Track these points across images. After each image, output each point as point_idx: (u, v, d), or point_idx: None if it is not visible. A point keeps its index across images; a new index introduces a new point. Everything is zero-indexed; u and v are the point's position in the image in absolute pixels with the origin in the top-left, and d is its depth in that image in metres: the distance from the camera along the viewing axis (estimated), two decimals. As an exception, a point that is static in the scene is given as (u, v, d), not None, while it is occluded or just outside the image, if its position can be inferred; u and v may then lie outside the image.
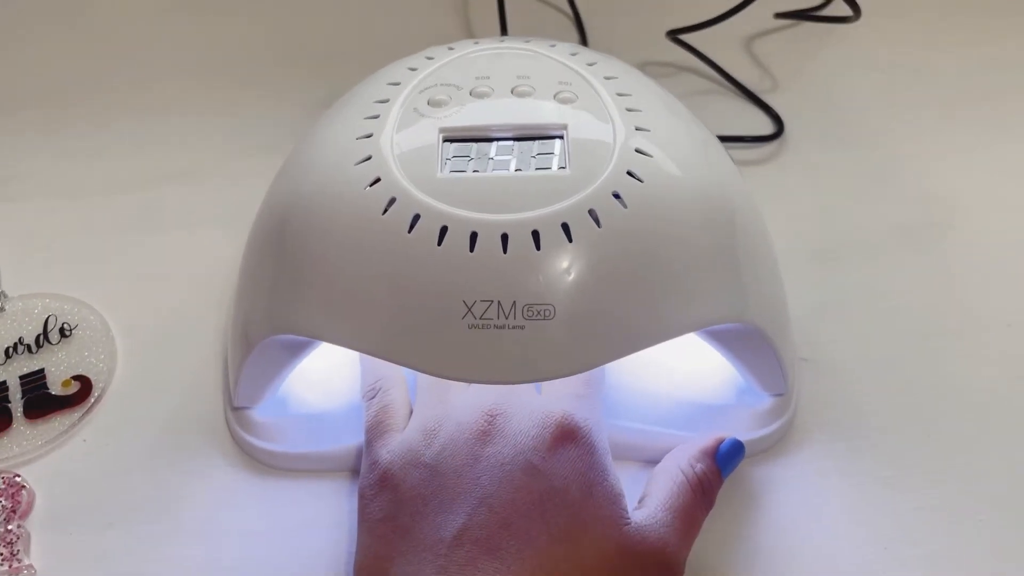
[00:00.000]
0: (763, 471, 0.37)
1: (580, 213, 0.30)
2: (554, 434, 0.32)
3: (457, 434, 0.32)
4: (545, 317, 0.29)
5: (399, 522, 0.31)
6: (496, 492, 0.30)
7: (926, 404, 0.39)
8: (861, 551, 0.34)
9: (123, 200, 0.48)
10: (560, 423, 0.32)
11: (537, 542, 0.29)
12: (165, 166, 0.49)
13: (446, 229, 0.30)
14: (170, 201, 0.48)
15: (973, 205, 0.47)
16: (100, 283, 0.44)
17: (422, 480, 0.31)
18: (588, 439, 0.32)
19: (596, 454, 0.32)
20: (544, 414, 0.32)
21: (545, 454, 0.31)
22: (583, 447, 0.32)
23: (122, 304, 0.43)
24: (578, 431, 0.32)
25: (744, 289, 0.33)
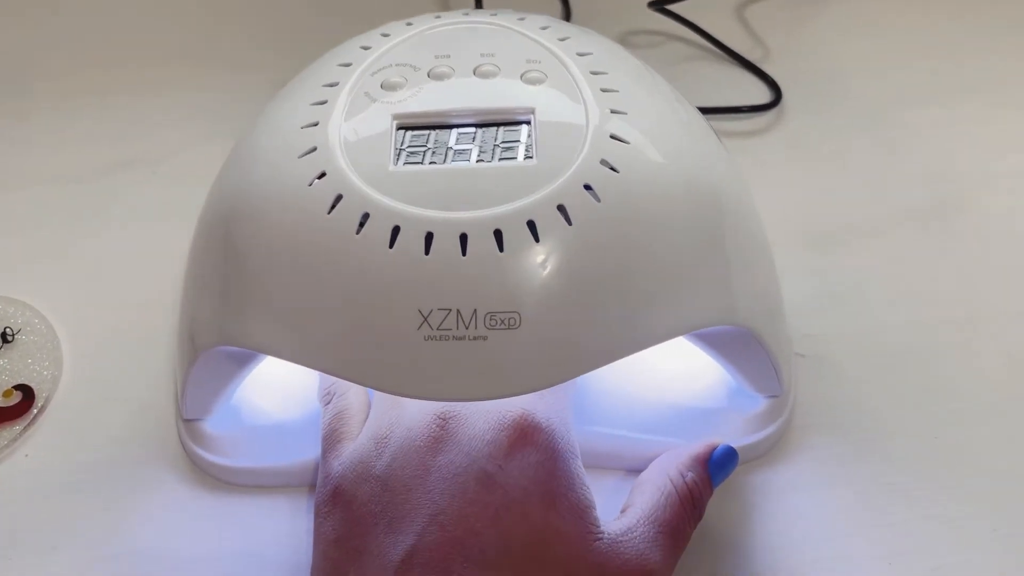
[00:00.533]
0: (758, 478, 0.34)
1: (548, 209, 0.27)
2: (510, 437, 0.29)
3: (408, 442, 0.29)
4: (510, 326, 0.26)
5: (351, 544, 0.28)
6: (447, 507, 0.27)
7: (934, 403, 0.36)
8: (863, 565, 0.32)
9: (70, 191, 0.45)
10: (517, 424, 0.29)
11: (494, 563, 0.26)
12: (116, 154, 0.46)
13: (398, 229, 0.27)
14: (122, 192, 0.45)
15: (985, 184, 0.44)
16: (45, 283, 0.41)
17: (372, 495, 0.28)
18: (550, 441, 0.29)
19: (559, 459, 0.29)
20: (500, 415, 0.29)
21: (501, 461, 0.28)
22: (544, 451, 0.29)
23: (69, 306, 0.40)
24: (538, 432, 0.29)
25: (733, 287, 0.30)
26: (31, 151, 0.47)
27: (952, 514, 0.33)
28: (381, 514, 0.28)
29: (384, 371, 0.27)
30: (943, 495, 0.33)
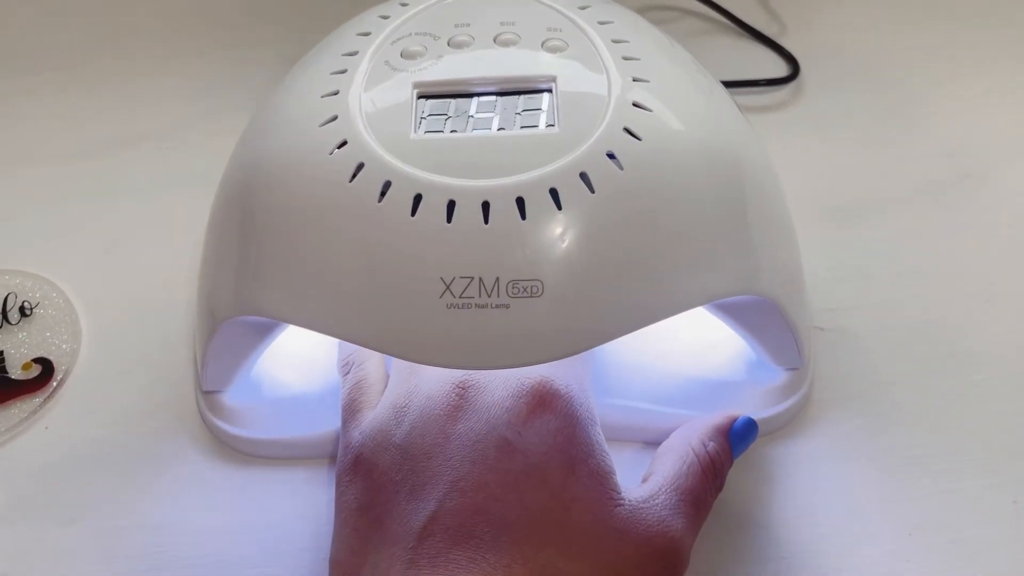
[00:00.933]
0: (777, 451, 0.34)
1: (571, 177, 0.27)
2: (529, 404, 0.28)
3: (427, 410, 0.29)
4: (532, 294, 0.26)
5: (373, 512, 0.28)
6: (468, 474, 0.27)
7: (954, 376, 0.36)
8: (883, 538, 0.32)
9: (86, 167, 0.45)
10: (535, 390, 0.29)
11: (514, 528, 0.26)
12: (130, 130, 0.46)
13: (420, 197, 0.27)
14: (133, 168, 0.45)
15: (1007, 155, 0.43)
16: (63, 258, 0.41)
17: (393, 463, 0.28)
18: (569, 408, 0.29)
19: (579, 425, 0.29)
20: (519, 382, 0.29)
21: (520, 428, 0.28)
22: (563, 417, 0.28)
23: (87, 280, 0.40)
24: (557, 398, 0.29)
25: (755, 257, 0.30)
26: (44, 130, 0.47)
27: (971, 487, 0.33)
28: (402, 482, 0.28)
29: (406, 339, 0.27)
30: (963, 468, 0.33)
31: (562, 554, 0.26)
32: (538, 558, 0.26)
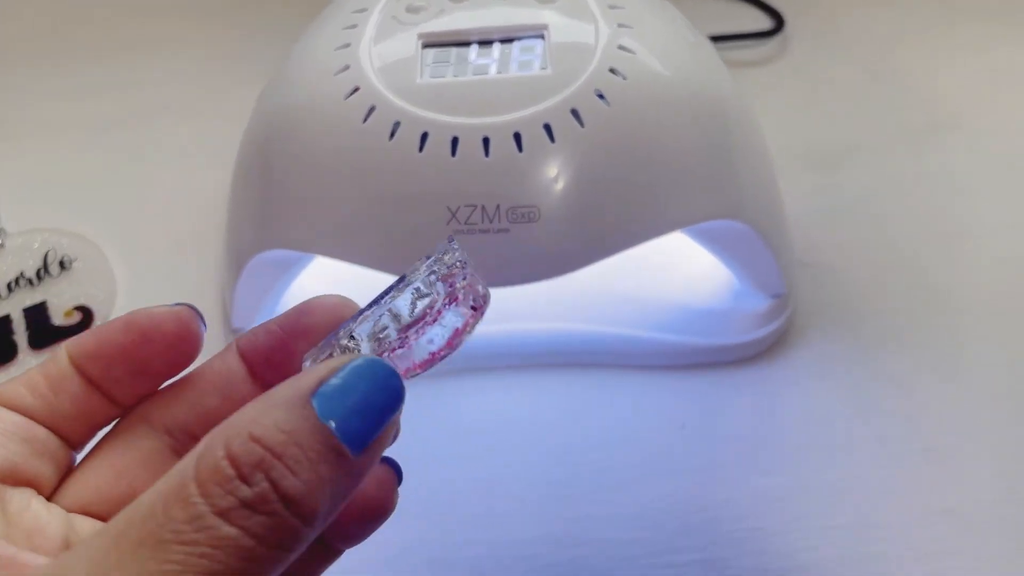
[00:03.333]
0: (761, 372, 0.37)
1: (562, 113, 0.30)
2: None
3: None
4: (530, 219, 0.29)
5: None
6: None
7: (928, 305, 0.38)
8: (858, 447, 0.34)
9: (115, 135, 0.48)
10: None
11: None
12: (156, 100, 0.49)
13: (427, 135, 0.29)
14: (160, 133, 0.48)
15: (977, 107, 0.46)
16: (97, 216, 0.44)
17: None
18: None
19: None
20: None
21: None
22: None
23: (119, 236, 0.43)
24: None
25: (736, 186, 0.33)
26: (75, 99, 0.50)
27: (943, 400, 0.35)
28: None
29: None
30: (935, 384, 0.36)
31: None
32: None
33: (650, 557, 0.32)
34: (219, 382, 0.19)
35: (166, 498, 0.13)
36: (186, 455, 0.14)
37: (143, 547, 0.13)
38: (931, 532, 0.32)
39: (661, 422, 0.35)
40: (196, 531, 0.13)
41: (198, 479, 0.13)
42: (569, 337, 0.36)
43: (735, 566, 0.31)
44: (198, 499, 0.13)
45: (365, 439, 0.15)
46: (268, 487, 0.13)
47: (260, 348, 0.19)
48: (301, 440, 0.14)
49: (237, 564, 0.13)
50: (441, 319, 0.18)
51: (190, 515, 0.13)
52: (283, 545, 0.14)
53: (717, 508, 0.33)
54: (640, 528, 0.32)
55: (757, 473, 0.34)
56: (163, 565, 0.13)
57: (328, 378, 0.15)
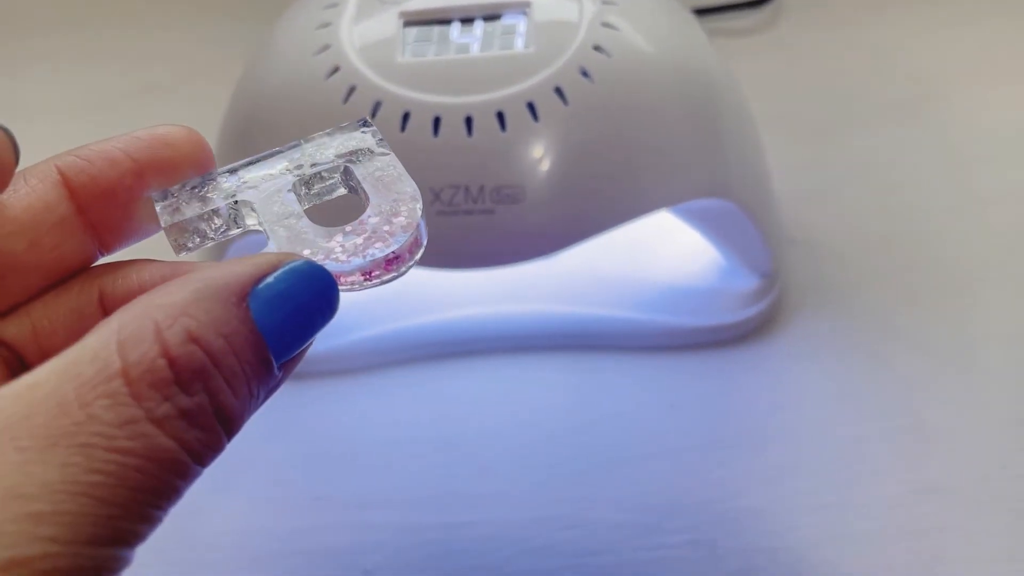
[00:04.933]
0: (752, 351, 0.36)
1: (546, 91, 0.29)
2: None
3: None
4: (514, 200, 0.29)
5: None
6: None
7: (918, 281, 0.38)
8: (848, 424, 0.34)
9: (99, 116, 0.47)
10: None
11: None
12: (138, 81, 0.49)
13: (408, 115, 0.29)
14: (146, 114, 0.47)
15: (969, 78, 0.46)
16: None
17: None
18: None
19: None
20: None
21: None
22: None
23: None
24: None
25: (723, 164, 0.32)
26: (57, 81, 0.49)
27: (931, 375, 0.35)
28: None
29: (401, 245, 0.29)
30: (923, 360, 0.36)
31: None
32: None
33: (638, 539, 0.32)
34: (28, 218, 0.15)
35: (82, 391, 0.11)
36: (93, 332, 0.12)
37: (57, 447, 0.10)
38: (919, 510, 0.32)
39: (649, 403, 0.35)
40: (129, 438, 0.11)
41: (127, 374, 0.11)
42: (555, 319, 0.36)
43: (723, 546, 0.31)
44: (129, 400, 0.11)
45: (291, 353, 0.13)
46: (206, 399, 0.12)
47: (99, 180, 0.16)
48: (238, 348, 0.12)
49: (167, 479, 0.11)
50: (378, 237, 0.15)
51: (121, 418, 0.11)
52: (205, 462, 0.12)
53: (705, 489, 0.33)
54: (628, 509, 0.32)
55: (745, 453, 0.34)
56: (88, 474, 0.10)
57: (265, 276, 0.13)
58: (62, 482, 0.10)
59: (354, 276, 0.15)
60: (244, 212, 0.16)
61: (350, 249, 0.15)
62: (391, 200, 0.16)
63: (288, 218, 0.15)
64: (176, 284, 0.13)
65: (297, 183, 0.16)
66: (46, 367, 0.11)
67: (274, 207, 0.15)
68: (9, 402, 0.11)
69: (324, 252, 0.15)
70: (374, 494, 0.33)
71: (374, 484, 0.34)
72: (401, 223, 0.16)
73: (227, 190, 0.16)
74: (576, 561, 0.31)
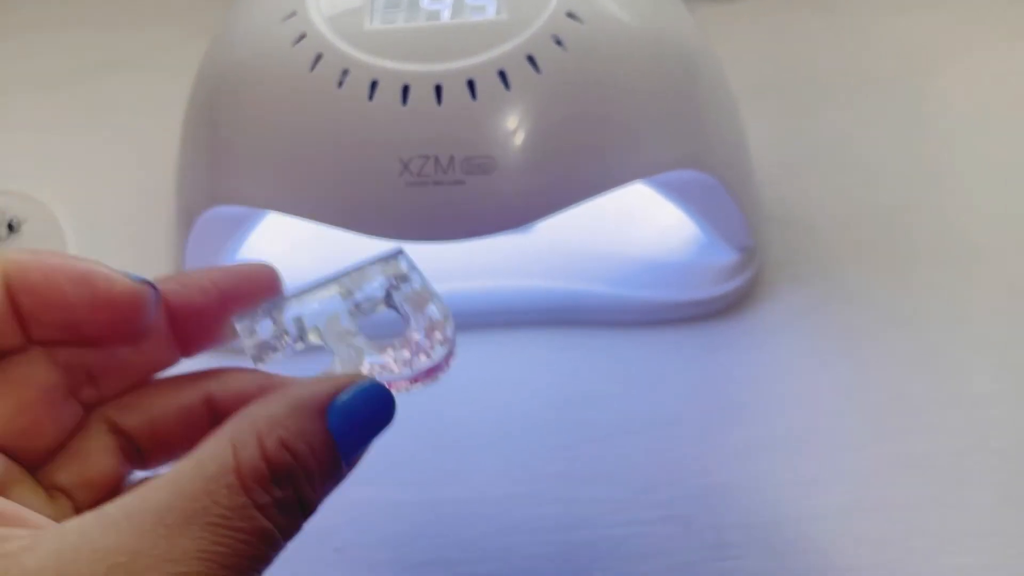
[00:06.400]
0: (730, 326, 0.36)
1: (518, 59, 0.28)
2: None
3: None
4: (485, 170, 0.28)
5: None
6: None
7: (897, 255, 0.38)
8: (826, 398, 0.34)
9: (63, 92, 0.46)
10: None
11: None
12: (103, 55, 0.47)
13: (376, 83, 0.28)
14: (111, 90, 0.46)
15: (952, 51, 0.45)
16: (47, 177, 0.43)
17: None
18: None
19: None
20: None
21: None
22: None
23: (70, 197, 0.42)
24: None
25: (700, 134, 0.32)
26: (21, 56, 0.48)
27: (910, 349, 0.35)
28: None
29: (368, 216, 0.28)
30: (900, 335, 0.35)
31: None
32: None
33: (613, 515, 0.31)
34: (177, 426, 0.20)
35: (208, 483, 0.15)
36: (214, 437, 0.16)
37: (192, 525, 0.15)
38: (900, 484, 0.31)
39: (626, 379, 0.35)
40: (240, 520, 0.15)
41: (238, 473, 0.16)
42: (532, 295, 0.36)
43: (700, 522, 0.31)
44: (240, 491, 0.16)
45: (357, 454, 0.17)
46: (293, 493, 0.16)
47: (193, 305, 0.20)
48: (317, 453, 0.16)
49: (264, 549, 0.16)
50: (422, 351, 0.19)
51: (235, 504, 0.15)
52: (290, 536, 0.17)
53: (682, 464, 0.32)
54: (604, 485, 0.32)
55: (723, 428, 0.33)
56: (213, 545, 0.15)
57: (339, 393, 0.17)
58: (195, 551, 0.15)
59: (403, 383, 0.19)
60: (308, 330, 0.19)
61: (400, 362, 0.19)
62: (428, 317, 0.20)
63: (347, 336, 0.19)
64: (274, 399, 0.17)
65: (351, 307, 0.20)
66: (183, 464, 0.16)
67: (333, 327, 0.19)
68: (156, 492, 0.15)
69: (381, 365, 0.19)
70: (346, 471, 0.33)
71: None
72: (439, 338, 0.20)
73: (293, 313, 0.19)
74: (552, 537, 0.31)
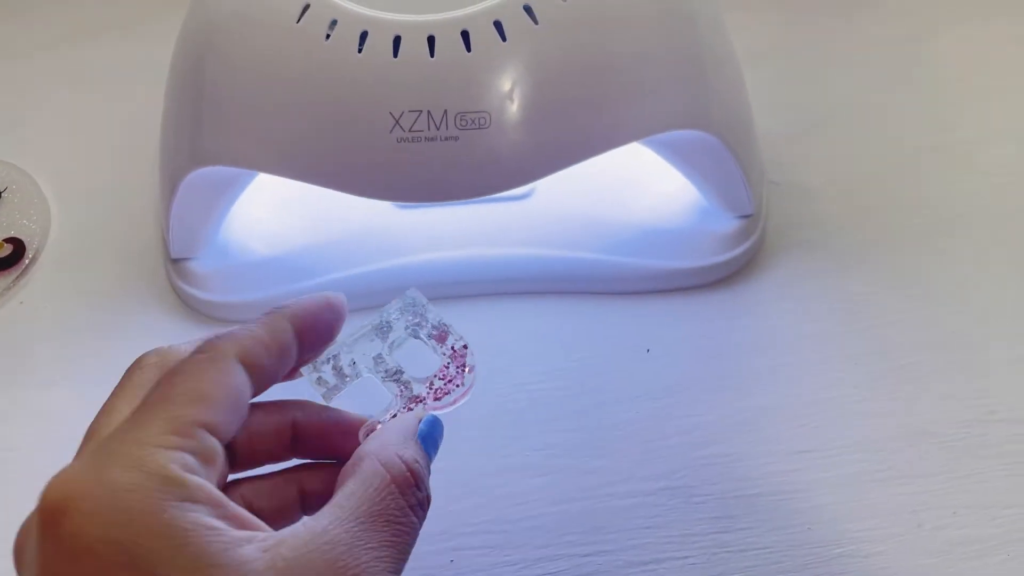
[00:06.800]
0: (732, 294, 0.35)
1: (514, 9, 0.27)
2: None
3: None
4: (480, 126, 0.27)
5: None
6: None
7: (901, 220, 0.37)
8: (830, 366, 0.33)
9: (50, 58, 0.45)
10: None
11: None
12: (91, 21, 0.46)
13: (366, 34, 0.27)
14: (96, 55, 0.45)
15: (955, 16, 0.44)
16: (28, 144, 0.41)
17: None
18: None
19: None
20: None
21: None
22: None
23: (53, 164, 0.41)
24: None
25: (702, 94, 0.31)
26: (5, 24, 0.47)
27: (914, 319, 0.34)
28: None
29: (357, 175, 0.27)
30: (906, 302, 0.35)
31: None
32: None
33: (611, 486, 0.30)
34: (269, 441, 0.25)
35: (375, 493, 0.22)
36: (362, 467, 0.22)
37: (378, 522, 0.21)
38: (907, 454, 0.31)
39: (625, 347, 0.34)
40: (403, 516, 0.22)
41: (395, 481, 0.22)
42: (529, 263, 0.34)
43: (701, 493, 0.30)
44: (399, 496, 0.22)
45: (431, 461, 0.25)
46: (423, 494, 0.23)
47: (273, 369, 0.23)
48: (422, 463, 0.23)
49: (414, 538, 0.22)
50: (455, 380, 0.25)
51: (399, 506, 0.22)
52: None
53: (682, 434, 0.31)
54: (602, 456, 0.31)
55: (724, 398, 0.32)
56: (392, 537, 0.21)
57: (420, 424, 0.24)
58: (378, 543, 0.21)
59: (446, 407, 0.25)
60: (361, 370, 0.24)
61: (441, 390, 0.25)
62: (451, 347, 0.25)
63: (395, 374, 0.24)
64: (389, 433, 0.24)
65: (388, 349, 0.24)
66: (350, 487, 0.22)
67: (381, 365, 0.24)
68: (348, 501, 0.22)
69: (427, 395, 0.25)
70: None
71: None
72: (464, 366, 0.25)
73: (346, 359, 0.24)
74: (547, 510, 0.30)
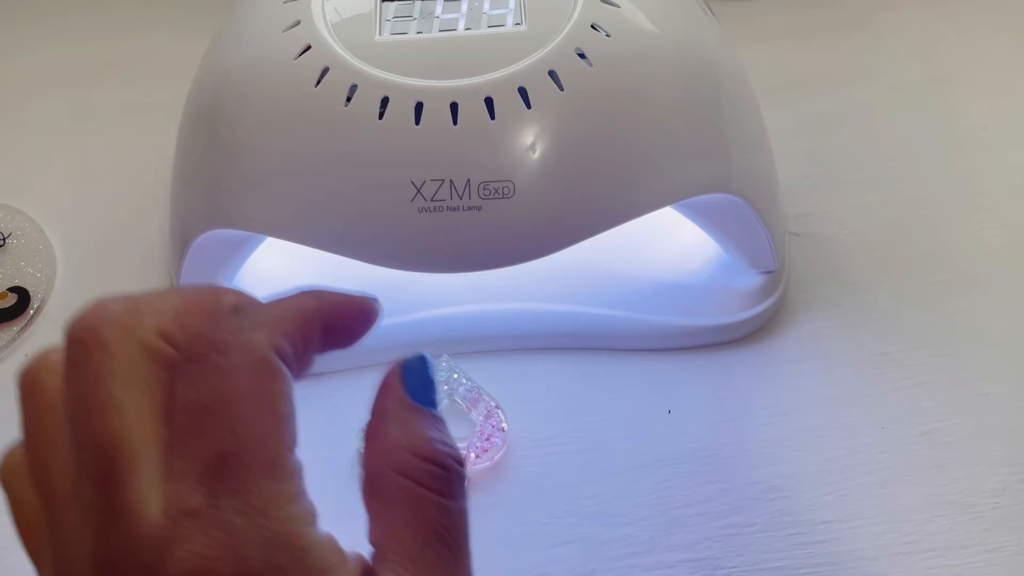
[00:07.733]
0: (754, 352, 0.34)
1: (539, 75, 0.26)
2: None
3: None
4: (504, 196, 0.26)
5: None
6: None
7: (927, 275, 0.36)
8: (856, 430, 0.32)
9: (52, 98, 0.44)
10: None
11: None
12: (93, 59, 0.45)
13: (387, 100, 0.26)
14: (103, 96, 0.44)
15: (977, 60, 0.43)
16: (33, 188, 0.40)
17: None
18: None
19: None
20: None
21: None
22: None
23: (58, 209, 0.40)
24: None
25: (728, 157, 0.30)
26: (7, 62, 0.46)
27: (941, 380, 0.33)
28: None
29: (377, 245, 0.27)
30: (934, 362, 0.34)
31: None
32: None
33: (635, 556, 0.30)
34: None
35: (415, 512, 0.19)
36: (383, 491, 0.20)
37: (429, 549, 0.19)
38: (935, 525, 0.30)
39: (647, 408, 0.33)
40: (449, 518, 0.19)
41: (424, 486, 0.19)
42: (547, 318, 0.34)
43: (726, 566, 0.29)
44: (439, 499, 0.19)
45: None
46: (455, 473, 0.20)
47: None
48: (437, 440, 0.20)
49: (466, 527, 0.20)
50: (492, 438, 0.28)
51: (442, 508, 0.19)
52: None
53: (706, 502, 0.31)
54: (624, 524, 0.30)
55: (746, 463, 0.32)
56: (452, 548, 0.19)
57: (402, 374, 0.21)
58: (443, 565, 0.19)
59: (484, 463, 0.28)
60: None
61: (480, 448, 0.27)
62: (485, 409, 0.27)
63: None
64: (383, 418, 0.20)
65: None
66: (385, 521, 0.19)
67: None
68: (385, 539, 0.19)
69: (468, 454, 0.27)
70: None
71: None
72: (496, 425, 0.28)
73: None
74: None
